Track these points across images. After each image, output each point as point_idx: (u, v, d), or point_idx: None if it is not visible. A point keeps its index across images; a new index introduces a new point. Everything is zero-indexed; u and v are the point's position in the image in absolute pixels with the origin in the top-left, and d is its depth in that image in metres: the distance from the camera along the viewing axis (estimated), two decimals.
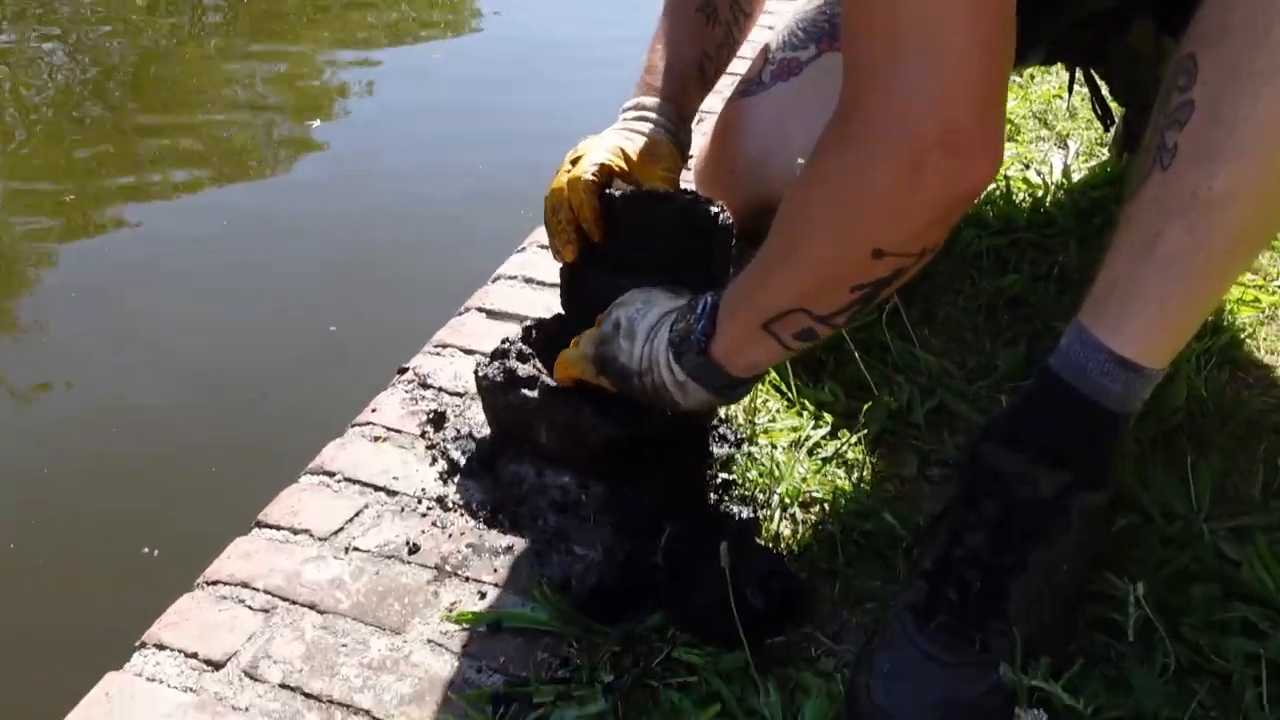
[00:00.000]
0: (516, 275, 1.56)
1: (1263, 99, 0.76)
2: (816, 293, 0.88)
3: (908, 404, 1.18)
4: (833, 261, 0.86)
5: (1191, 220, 0.81)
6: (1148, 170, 0.84)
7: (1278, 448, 1.10)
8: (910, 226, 0.82)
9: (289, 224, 2.65)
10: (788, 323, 0.90)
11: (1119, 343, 0.85)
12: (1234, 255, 0.83)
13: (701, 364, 0.95)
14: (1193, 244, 0.81)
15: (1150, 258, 0.83)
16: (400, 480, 1.16)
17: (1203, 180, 0.80)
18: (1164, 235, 0.82)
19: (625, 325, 1.01)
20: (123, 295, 2.35)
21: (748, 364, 0.96)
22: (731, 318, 0.94)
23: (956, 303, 1.37)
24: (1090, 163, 1.69)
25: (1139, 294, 0.84)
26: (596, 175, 1.11)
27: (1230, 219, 0.80)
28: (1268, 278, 1.39)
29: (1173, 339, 0.87)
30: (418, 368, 1.35)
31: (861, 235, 0.83)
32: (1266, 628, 0.89)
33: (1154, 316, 0.85)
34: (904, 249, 0.83)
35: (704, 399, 0.99)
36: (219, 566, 1.07)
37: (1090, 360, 0.86)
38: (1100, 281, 0.88)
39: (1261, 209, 0.80)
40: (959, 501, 0.90)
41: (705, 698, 0.87)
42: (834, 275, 0.86)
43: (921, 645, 0.84)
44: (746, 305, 0.93)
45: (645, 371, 0.99)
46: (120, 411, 1.96)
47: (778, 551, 1.01)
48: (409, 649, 0.97)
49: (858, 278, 0.86)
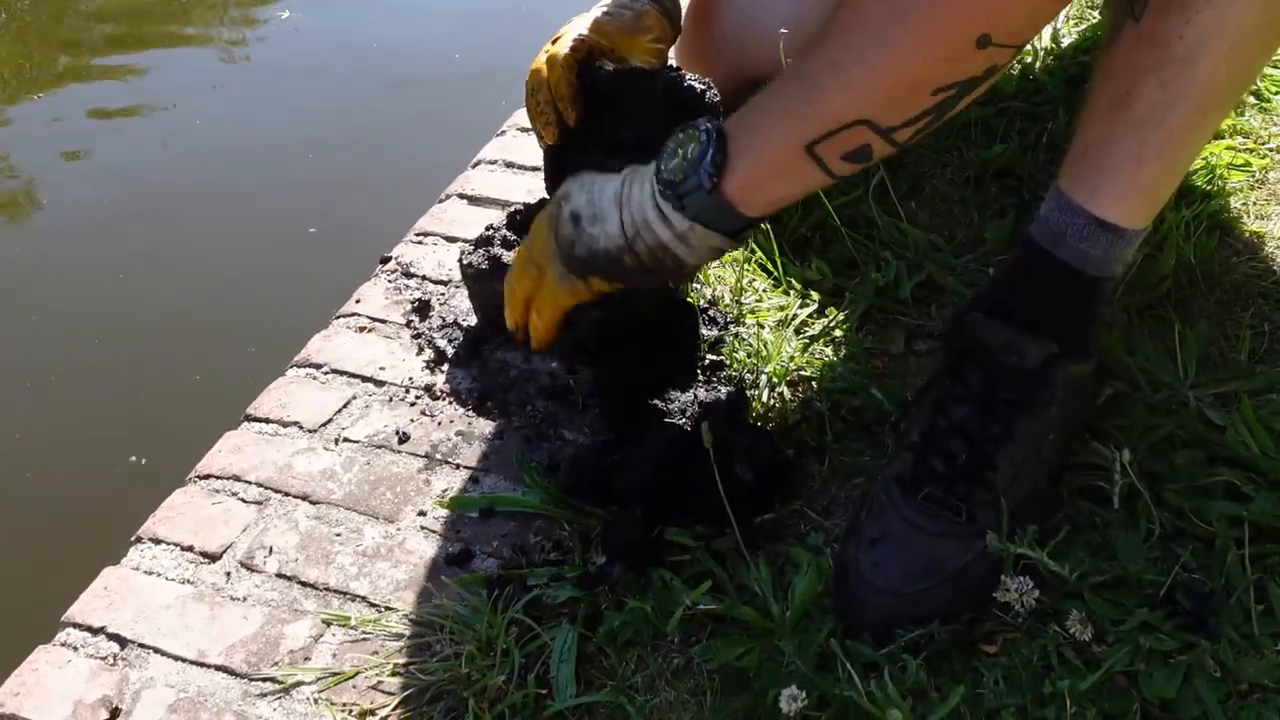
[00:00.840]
0: (497, 160, 1.53)
1: None
2: (892, 95, 0.75)
3: (895, 280, 1.17)
4: (923, 54, 0.73)
5: (1164, 75, 0.80)
6: (1120, 23, 0.83)
7: (1265, 313, 1.10)
8: (1026, 2, 0.71)
9: (258, 121, 2.59)
10: (842, 139, 0.78)
11: (1096, 205, 0.85)
12: (1208, 110, 0.82)
13: (711, 204, 0.83)
14: (1165, 100, 0.80)
15: (1124, 116, 0.82)
16: (387, 370, 1.16)
17: (1174, 31, 0.78)
18: (1137, 92, 0.81)
19: (587, 211, 0.90)
20: (101, 198, 2.31)
21: (770, 200, 0.84)
22: (761, 142, 0.81)
23: (944, 175, 1.35)
24: (1080, 26, 1.64)
25: (1114, 154, 0.84)
26: (574, 52, 1.08)
27: (1202, 72, 0.79)
28: (1259, 140, 1.36)
29: (1150, 198, 0.86)
30: (400, 257, 1.33)
31: (970, 15, 0.71)
32: (1249, 490, 0.89)
33: (1130, 176, 0.84)
34: (1011, 34, 0.73)
35: (714, 246, 0.86)
36: (210, 461, 1.07)
37: (1069, 225, 0.86)
38: (1076, 143, 0.87)
39: (1234, 61, 0.79)
40: (944, 373, 0.90)
41: (697, 576, 0.89)
42: (921, 72, 0.74)
43: (908, 516, 0.85)
44: (787, 123, 0.80)
45: (634, 239, 0.87)
46: (105, 315, 1.95)
47: (766, 429, 1.02)
48: (402, 536, 0.98)
49: (949, 74, 0.74)
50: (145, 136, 2.58)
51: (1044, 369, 0.87)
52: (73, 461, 1.65)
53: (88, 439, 1.68)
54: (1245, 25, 0.77)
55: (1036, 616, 0.82)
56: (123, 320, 1.93)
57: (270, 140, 2.48)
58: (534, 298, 0.95)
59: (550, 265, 0.93)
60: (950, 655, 0.81)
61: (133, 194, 2.31)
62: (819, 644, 0.82)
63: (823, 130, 0.78)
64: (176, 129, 2.59)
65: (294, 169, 2.37)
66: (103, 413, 1.73)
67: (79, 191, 2.37)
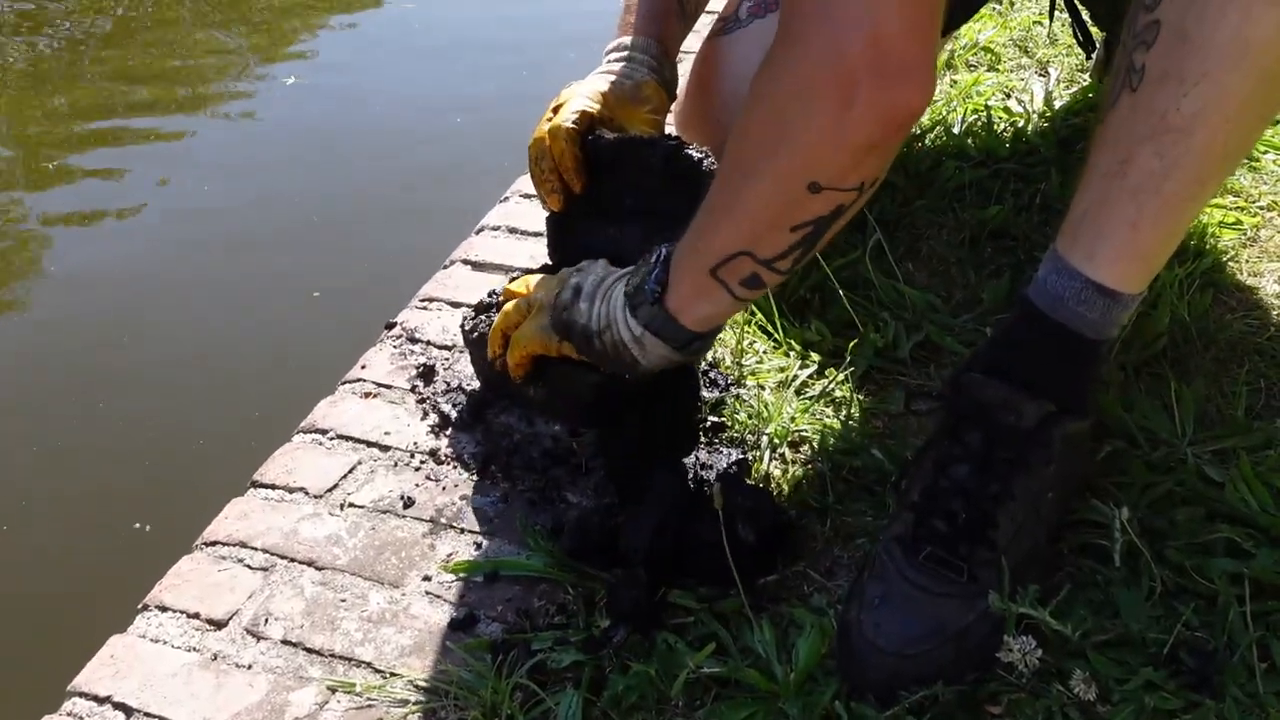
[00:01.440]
0: (500, 226, 1.55)
1: (1229, 15, 0.76)
2: (758, 233, 0.86)
3: (893, 340, 1.19)
4: (771, 198, 0.84)
5: (1161, 145, 0.81)
6: (1117, 92, 0.84)
7: (1260, 370, 1.11)
8: (845, 155, 0.80)
9: (267, 188, 2.62)
10: (733, 268, 0.88)
11: (1093, 270, 0.86)
12: (1204, 179, 0.83)
13: (657, 315, 0.93)
14: (1162, 169, 0.81)
15: (1121, 183, 0.84)
16: (392, 435, 1.17)
17: (1170, 103, 0.80)
18: (1133, 160, 0.83)
19: (584, 289, 0.99)
20: (108, 268, 2.33)
21: (701, 317, 0.93)
22: (682, 266, 0.92)
23: (940, 236, 1.37)
24: (1072, 89, 1.68)
25: (1111, 220, 0.85)
26: (576, 123, 1.10)
27: (1199, 142, 0.80)
28: (1249, 199, 1.39)
29: (1146, 264, 0.88)
30: (405, 322, 1.35)
31: (797, 167, 0.81)
32: (1250, 547, 0.90)
33: (1126, 242, 0.85)
34: (840, 181, 0.81)
35: (663, 355, 0.95)
36: (217, 527, 1.08)
37: (1067, 289, 0.87)
38: (1074, 208, 0.88)
39: (1230, 132, 0.80)
40: (943, 433, 0.91)
41: (701, 638, 0.89)
42: (773, 214, 0.85)
43: (910, 576, 0.85)
44: (694, 251, 0.90)
45: (604, 329, 0.96)
46: (110, 382, 1.96)
47: (768, 490, 1.03)
48: (408, 601, 0.98)
49: (797, 215, 0.84)
50: (149, 197, 2.61)
51: (1041, 428, 0.88)
52: (79, 529, 1.65)
53: (94, 506, 1.69)
54: (1241, 98, 0.78)
55: (1040, 676, 0.82)
56: (128, 385, 1.95)
57: (274, 205, 2.51)
58: (514, 333, 1.03)
59: (541, 313, 1.01)
60: (955, 716, 0.81)
61: (137, 256, 2.34)
62: (823, 706, 0.82)
63: (717, 259, 0.88)
64: (180, 190, 2.63)
65: (297, 234, 2.40)
66: (109, 479, 1.74)
67: (82, 252, 2.40)
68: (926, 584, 0.85)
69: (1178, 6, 0.79)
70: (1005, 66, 1.80)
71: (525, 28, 3.48)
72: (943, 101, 1.63)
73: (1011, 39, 1.89)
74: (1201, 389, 1.07)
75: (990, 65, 1.81)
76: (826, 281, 1.23)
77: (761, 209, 0.85)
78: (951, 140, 1.54)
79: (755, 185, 0.84)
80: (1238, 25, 0.76)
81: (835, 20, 0.75)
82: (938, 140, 1.54)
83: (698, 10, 1.29)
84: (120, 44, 3.54)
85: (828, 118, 0.77)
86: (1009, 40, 1.88)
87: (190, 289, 2.21)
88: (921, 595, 0.84)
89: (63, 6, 3.77)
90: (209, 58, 3.35)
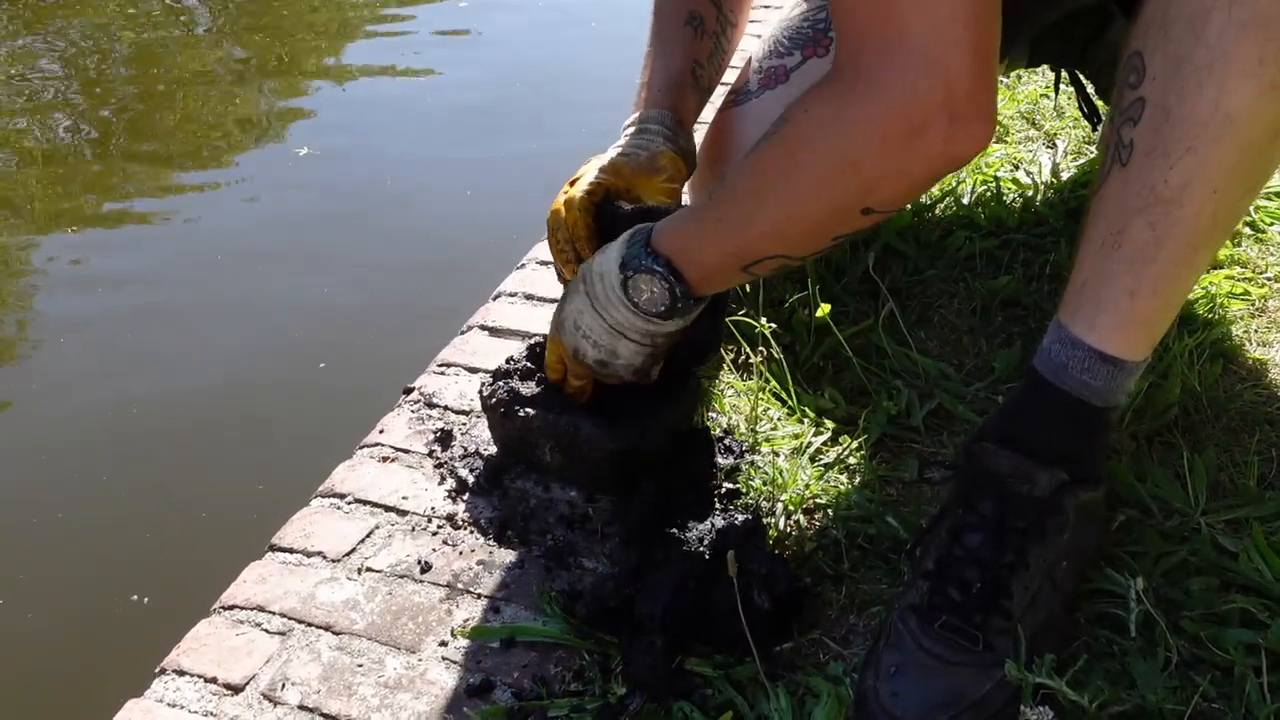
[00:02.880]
0: (517, 292, 1.57)
1: (1207, 90, 0.79)
2: (801, 244, 0.95)
3: (906, 408, 1.20)
4: (824, 218, 0.91)
5: (1153, 216, 0.84)
6: (1108, 167, 0.87)
7: (1271, 439, 1.12)
8: (905, 186, 0.87)
9: (284, 252, 2.66)
10: (765, 265, 0.97)
11: (1095, 338, 0.88)
12: (1196, 246, 0.85)
13: (657, 275, 1.01)
14: (1155, 239, 0.84)
15: (1117, 254, 0.86)
16: (410, 500, 1.18)
17: (1159, 176, 0.82)
18: (1127, 232, 0.85)
19: (573, 283, 1.10)
20: (119, 326, 2.36)
21: (714, 287, 1.04)
22: (703, 254, 0.99)
23: (951, 305, 1.39)
24: (1079, 161, 1.71)
25: (1109, 290, 0.87)
26: (591, 193, 1.13)
27: (1188, 213, 0.83)
28: (1257, 270, 1.40)
29: (1147, 331, 0.90)
30: (423, 387, 1.36)
31: (858, 191, 0.87)
32: (1265, 617, 0.90)
33: (1125, 311, 0.87)
34: (892, 205, 0.89)
35: (646, 319, 1.04)
36: (235, 591, 1.09)
37: (1070, 357, 0.89)
38: (1073, 280, 0.91)
39: (1218, 201, 0.83)
40: (957, 501, 0.92)
41: (717, 707, 0.89)
42: (822, 228, 0.93)
43: (926, 645, 0.86)
44: (725, 245, 0.98)
45: (596, 295, 1.06)
46: (128, 443, 1.97)
47: (783, 557, 1.03)
48: (424, 667, 0.98)
49: (844, 229, 0.93)
50: (163, 263, 2.64)
51: (1055, 497, 0.89)
52: (96, 593, 1.65)
53: (111, 570, 1.69)
54: (1225, 169, 0.81)
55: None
56: (145, 447, 1.96)
57: (290, 272, 2.54)
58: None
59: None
60: None
61: (153, 321, 2.36)
62: None
63: (752, 259, 0.97)
64: (194, 256, 2.66)
65: (312, 299, 2.42)
66: (127, 543, 1.75)
67: (101, 305, 2.43)
68: (942, 653, 0.85)
69: (1160, 84, 0.82)
70: (1013, 138, 1.84)
71: (546, 87, 3.54)
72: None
73: (1019, 111, 1.92)
74: (1213, 458, 1.08)
75: (998, 137, 1.84)
76: (840, 349, 1.24)
77: (812, 225, 0.93)
78: (962, 211, 1.56)
79: (808, 201, 0.91)
80: (1215, 99, 0.79)
81: (908, 62, 0.80)
82: (948, 210, 1.57)
83: (712, 84, 1.32)
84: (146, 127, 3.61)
85: (898, 154, 0.83)
86: (1017, 113, 1.92)
87: (209, 353, 2.23)
88: (937, 664, 0.85)
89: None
90: (218, 129, 3.41)
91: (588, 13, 4.29)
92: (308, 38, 4.17)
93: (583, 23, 4.24)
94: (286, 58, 3.99)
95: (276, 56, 4.01)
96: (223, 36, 4.26)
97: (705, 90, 1.31)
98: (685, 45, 1.29)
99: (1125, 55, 0.86)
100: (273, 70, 3.89)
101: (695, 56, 1.28)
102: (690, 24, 1.29)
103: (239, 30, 4.31)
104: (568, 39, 4.10)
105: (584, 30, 4.20)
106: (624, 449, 1.09)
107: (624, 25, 3.83)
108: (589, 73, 3.68)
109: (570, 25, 4.23)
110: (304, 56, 4.01)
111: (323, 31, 4.25)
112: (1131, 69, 0.85)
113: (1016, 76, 2.05)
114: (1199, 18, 0.78)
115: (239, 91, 3.70)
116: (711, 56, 1.31)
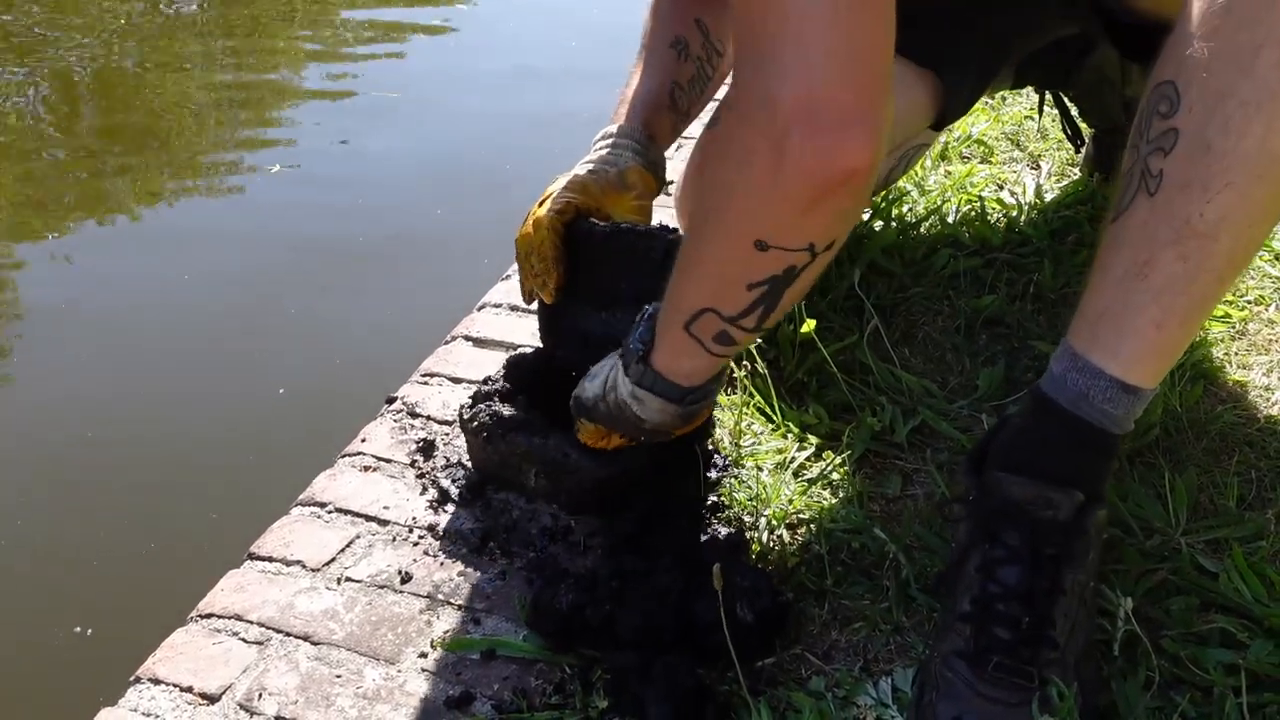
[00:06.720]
0: (501, 303, 1.57)
1: (1254, 126, 0.77)
2: (718, 291, 0.89)
3: (890, 424, 1.20)
4: (722, 256, 0.87)
5: (1185, 249, 0.81)
6: (1132, 195, 0.84)
7: (1251, 461, 1.13)
8: (782, 210, 0.79)
9: (264, 262, 2.65)
10: (703, 325, 0.92)
11: (1117, 368, 0.86)
12: (1224, 279, 0.84)
13: (646, 372, 0.99)
14: (1186, 272, 0.82)
15: (1143, 285, 0.84)
16: (391, 509, 1.17)
17: (1194, 209, 0.80)
18: (1155, 263, 0.83)
19: (592, 370, 1.08)
20: (105, 333, 2.34)
21: (686, 371, 0.98)
22: (661, 323, 0.97)
23: (936, 323, 1.39)
24: (1062, 182, 1.72)
25: (1133, 320, 0.85)
26: (560, 215, 1.13)
27: (1223, 247, 0.81)
28: (1237, 294, 1.42)
29: (1168, 361, 0.89)
30: (405, 397, 1.36)
31: (740, 225, 0.82)
32: (1244, 637, 0.91)
33: (1151, 342, 0.85)
34: (785, 240, 0.82)
35: (660, 407, 1.00)
36: (212, 599, 1.08)
37: (1091, 386, 0.87)
38: (1090, 306, 0.88)
39: (1252, 236, 0.82)
40: (980, 537, 0.90)
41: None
42: (728, 271, 0.87)
43: (984, 691, 0.84)
44: (671, 308, 0.95)
45: (608, 393, 1.03)
46: (108, 450, 1.95)
47: (766, 571, 1.03)
48: (404, 678, 0.97)
49: (749, 274, 0.85)
50: (143, 277, 2.63)
51: (1078, 518, 0.87)
52: (69, 599, 1.63)
53: (87, 576, 1.67)
54: (1264, 206, 0.79)
55: None
56: (126, 453, 1.94)
57: (274, 281, 2.53)
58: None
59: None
60: None
61: (135, 333, 2.35)
62: None
63: (687, 315, 0.92)
64: (180, 268, 2.64)
65: (295, 308, 2.41)
66: (103, 550, 1.73)
67: (78, 327, 2.41)
68: (1002, 696, 0.84)
69: (1199, 116, 0.79)
70: (998, 159, 1.85)
71: (530, 103, 3.55)
72: (937, 191, 1.67)
73: (1004, 132, 1.94)
74: (1194, 479, 1.09)
75: (983, 157, 1.86)
76: (824, 365, 1.24)
77: (716, 266, 0.88)
78: (946, 229, 1.57)
79: (709, 243, 0.88)
80: (1262, 137, 0.77)
81: (767, 72, 0.74)
82: (933, 229, 1.58)
83: (691, 108, 1.31)
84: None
85: (761, 170, 0.77)
86: (1001, 134, 1.93)
87: (191, 360, 2.21)
88: (1001, 709, 0.83)
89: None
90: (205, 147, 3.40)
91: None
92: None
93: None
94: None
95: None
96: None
97: (683, 114, 1.30)
98: (667, 66, 1.28)
99: (1153, 83, 0.84)
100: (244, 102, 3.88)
101: (675, 78, 1.27)
102: (675, 47, 1.29)
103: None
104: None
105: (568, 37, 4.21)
106: (612, 475, 1.09)
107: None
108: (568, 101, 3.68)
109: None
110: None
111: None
112: (1163, 98, 0.82)
113: (1001, 98, 2.07)
114: (1246, 52, 0.76)
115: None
116: (694, 81, 1.30)
